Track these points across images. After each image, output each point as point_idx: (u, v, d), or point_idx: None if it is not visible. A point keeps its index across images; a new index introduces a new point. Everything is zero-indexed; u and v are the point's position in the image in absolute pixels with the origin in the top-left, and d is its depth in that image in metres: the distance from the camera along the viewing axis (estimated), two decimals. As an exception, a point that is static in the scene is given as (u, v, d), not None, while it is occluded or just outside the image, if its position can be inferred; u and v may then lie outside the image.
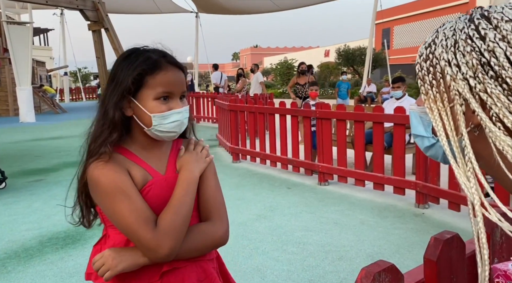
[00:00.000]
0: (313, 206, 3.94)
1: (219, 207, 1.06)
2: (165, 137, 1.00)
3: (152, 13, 19.33)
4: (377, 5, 15.46)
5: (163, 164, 1.04)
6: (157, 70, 0.96)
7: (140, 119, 0.98)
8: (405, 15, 35.30)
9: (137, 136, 1.02)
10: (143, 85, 0.96)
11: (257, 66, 10.08)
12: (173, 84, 0.98)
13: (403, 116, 3.82)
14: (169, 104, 0.98)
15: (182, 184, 0.99)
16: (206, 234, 1.01)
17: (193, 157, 1.04)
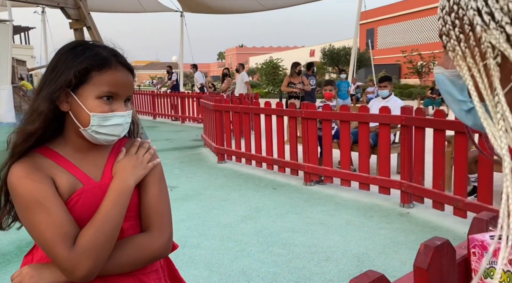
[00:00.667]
0: (299, 206, 3.92)
1: (161, 216, 0.96)
2: (102, 141, 0.92)
3: (136, 12, 19.05)
4: (361, 5, 15.58)
5: (99, 169, 0.95)
6: (106, 68, 0.89)
7: (77, 117, 0.89)
8: (389, 15, 35.75)
9: (70, 137, 0.93)
10: (86, 81, 0.88)
11: (242, 66, 10.03)
12: (120, 86, 0.91)
13: (388, 116, 3.83)
14: (112, 106, 0.91)
15: (111, 195, 0.90)
16: (141, 247, 0.92)
17: (130, 162, 0.95)
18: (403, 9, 34.44)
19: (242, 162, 5.65)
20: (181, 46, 19.74)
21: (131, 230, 0.96)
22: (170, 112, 12.11)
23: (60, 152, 0.93)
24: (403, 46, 32.09)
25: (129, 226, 0.96)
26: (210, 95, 8.48)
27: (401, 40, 34.90)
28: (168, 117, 12.18)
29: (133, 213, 0.96)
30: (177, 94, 11.89)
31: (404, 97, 19.58)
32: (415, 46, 29.19)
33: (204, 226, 3.38)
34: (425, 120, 3.48)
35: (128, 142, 1.03)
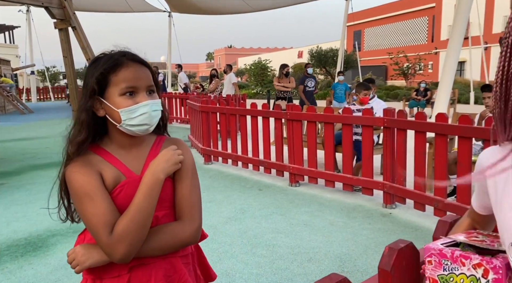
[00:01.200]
0: (284, 207, 3.95)
1: (192, 206, 1.07)
2: (137, 131, 1.04)
3: (123, 11, 18.89)
4: (348, 7, 15.73)
5: (140, 163, 1.07)
6: (118, 67, 1.01)
7: (111, 117, 1.03)
8: (375, 18, 36.14)
9: (114, 136, 1.07)
10: (107, 84, 1.01)
11: (230, 67, 10.04)
12: (135, 79, 1.02)
13: (372, 118, 3.89)
14: (135, 99, 1.02)
15: (142, 187, 1.01)
16: (173, 234, 1.04)
17: (163, 157, 1.05)
18: (390, 12, 34.86)
19: (229, 163, 5.66)
20: (169, 47, 19.66)
21: (165, 218, 1.07)
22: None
23: (107, 149, 1.07)
24: (389, 48, 32.47)
25: (163, 215, 1.07)
26: (198, 96, 8.47)
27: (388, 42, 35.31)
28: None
29: (167, 203, 1.08)
30: (163, 95, 11.83)
31: (390, 98, 19.82)
32: (401, 48, 29.56)
33: (189, 228, 3.38)
34: (406, 122, 3.54)
35: (167, 140, 1.15)
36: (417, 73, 25.82)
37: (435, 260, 0.78)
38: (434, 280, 0.78)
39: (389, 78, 30.97)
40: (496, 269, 0.72)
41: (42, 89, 27.60)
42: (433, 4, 30.94)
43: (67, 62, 7.66)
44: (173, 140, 1.16)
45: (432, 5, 31.19)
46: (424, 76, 23.92)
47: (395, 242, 0.81)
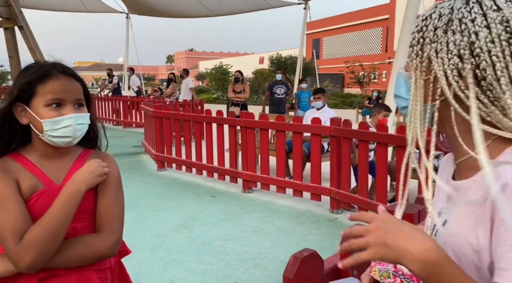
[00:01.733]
0: (235, 214, 3.99)
1: (112, 219, 1.07)
2: (60, 143, 1.03)
3: (78, 11, 18.22)
4: (306, 16, 16.14)
5: (61, 174, 1.06)
6: (47, 78, 1.01)
7: (34, 126, 1.02)
8: (333, 27, 37.29)
9: (37, 145, 1.05)
10: (34, 94, 1.01)
11: (186, 71, 9.98)
12: (63, 91, 1.02)
13: (319, 127, 4.03)
14: (60, 111, 1.02)
15: (62, 196, 1.00)
16: (88, 245, 1.03)
17: (87, 169, 1.05)
18: (347, 21, 36.12)
19: (183, 170, 5.62)
20: (127, 48, 19.18)
21: (83, 230, 1.06)
22: (111, 117, 11.72)
23: (28, 157, 1.06)
24: (346, 57, 33.59)
25: (82, 227, 1.05)
26: (152, 100, 8.34)
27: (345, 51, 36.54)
28: (109, 121, 11.78)
29: (87, 215, 1.06)
30: (119, 98, 11.54)
31: (346, 106, 20.50)
32: (357, 57, 30.69)
33: (136, 237, 3.33)
34: (351, 131, 3.71)
35: (94, 154, 1.15)
36: (372, 82, 26.91)
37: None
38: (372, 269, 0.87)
39: (345, 86, 32.01)
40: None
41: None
42: (387, 16, 32.44)
43: (13, 63, 7.27)
44: (101, 154, 1.16)
45: (386, 17, 32.68)
46: (378, 85, 24.99)
47: (300, 251, 0.87)
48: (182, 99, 9.16)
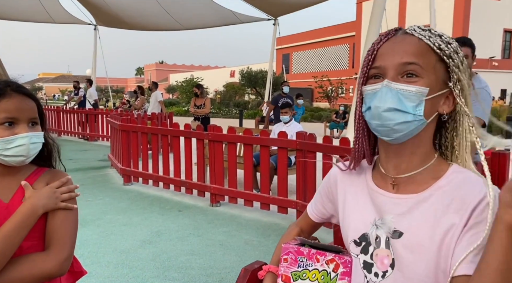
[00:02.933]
0: (202, 228, 3.96)
1: (61, 237, 1.04)
2: (12, 162, 1.02)
3: (43, 22, 17.76)
4: (276, 32, 16.46)
5: (10, 192, 1.04)
6: (0, 97, 1.00)
7: None
8: (303, 42, 38.20)
9: None
10: None
11: (155, 84, 9.90)
12: (17, 110, 1.02)
13: (285, 140, 4.11)
14: (13, 130, 1.01)
15: (16, 216, 0.99)
16: (33, 264, 0.99)
17: (46, 192, 1.04)
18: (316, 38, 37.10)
19: (150, 184, 5.54)
20: (94, 60, 18.81)
21: (31, 249, 1.02)
22: (77, 130, 11.40)
23: None
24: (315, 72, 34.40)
25: (30, 245, 1.02)
26: (121, 113, 8.20)
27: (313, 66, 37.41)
28: (75, 135, 11.45)
29: (36, 234, 1.03)
30: (84, 111, 11.26)
31: (315, 119, 20.90)
32: (326, 72, 31.52)
33: (99, 253, 3.24)
34: (315, 145, 3.81)
35: (48, 172, 1.12)
36: (340, 96, 27.64)
37: (292, 257, 0.87)
38: (286, 277, 0.87)
39: (314, 100, 32.69)
40: (345, 263, 0.86)
41: None
42: (353, 33, 33.61)
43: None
44: (54, 172, 1.14)
45: (352, 34, 33.86)
46: (345, 100, 25.69)
47: (252, 263, 0.90)
48: (151, 112, 9.06)
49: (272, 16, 15.82)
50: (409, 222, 0.79)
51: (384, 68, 0.79)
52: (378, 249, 0.82)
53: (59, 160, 1.18)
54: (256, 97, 29.01)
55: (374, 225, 0.83)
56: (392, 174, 0.84)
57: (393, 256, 0.80)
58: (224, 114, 23.96)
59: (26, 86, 1.11)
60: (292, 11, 15.47)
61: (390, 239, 0.80)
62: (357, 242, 0.86)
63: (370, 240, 0.84)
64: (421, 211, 0.79)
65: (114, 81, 67.31)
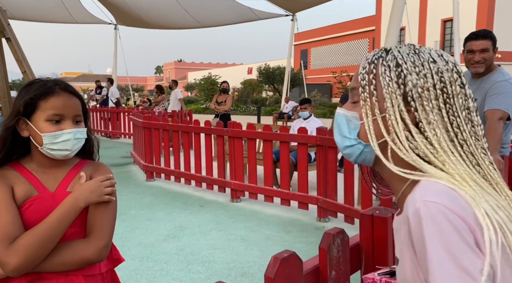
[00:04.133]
0: (223, 223, 4.02)
1: (102, 225, 1.11)
2: (57, 156, 1.10)
3: (66, 22, 18.19)
4: (294, 27, 16.38)
5: (56, 182, 1.12)
6: (49, 95, 1.09)
7: (34, 139, 1.09)
8: (321, 38, 37.84)
9: (35, 155, 1.12)
10: (36, 109, 1.08)
11: (175, 82, 10.03)
12: (63, 108, 1.10)
13: (305, 136, 4.12)
14: (60, 126, 1.09)
15: (60, 208, 1.06)
16: (75, 250, 1.07)
17: (90, 186, 1.10)
18: (334, 33, 36.70)
19: (171, 180, 5.64)
20: (115, 60, 19.15)
21: (74, 235, 1.10)
22: (100, 128, 11.68)
23: (26, 166, 1.13)
24: (333, 67, 34.08)
25: (73, 232, 1.10)
26: (142, 111, 8.36)
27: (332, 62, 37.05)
28: (97, 132, 11.72)
29: (78, 221, 1.10)
30: (107, 109, 11.52)
31: (334, 116, 20.68)
32: (345, 68, 31.16)
33: (124, 247, 3.34)
34: (336, 140, 3.80)
35: (90, 164, 1.20)
36: (359, 91, 27.24)
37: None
38: None
39: (333, 96, 32.40)
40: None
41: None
42: (373, 27, 33.08)
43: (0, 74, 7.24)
44: (96, 164, 1.22)
45: (372, 28, 33.32)
46: (365, 95, 25.29)
47: (281, 252, 0.93)
48: (171, 109, 9.20)
49: (290, 12, 15.74)
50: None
51: None
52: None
53: (98, 154, 1.25)
54: (273, 93, 28.97)
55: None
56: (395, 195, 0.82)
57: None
58: (242, 111, 24.03)
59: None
60: (310, 7, 15.33)
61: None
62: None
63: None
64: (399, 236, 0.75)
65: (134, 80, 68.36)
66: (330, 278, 1.06)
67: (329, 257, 1.06)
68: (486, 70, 2.58)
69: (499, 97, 2.41)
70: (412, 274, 0.68)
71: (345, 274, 1.11)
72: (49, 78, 1.14)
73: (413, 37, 26.64)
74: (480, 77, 2.63)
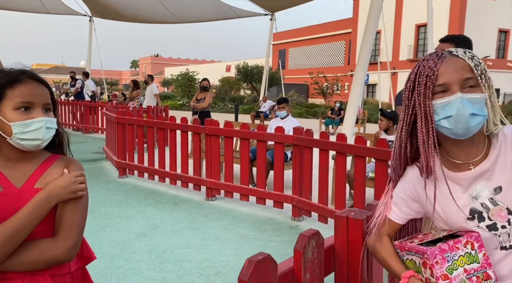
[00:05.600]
0: (198, 222, 3.97)
1: (70, 224, 1.06)
2: (28, 146, 1.04)
3: (37, 12, 17.54)
4: (272, 27, 16.42)
5: (23, 177, 1.07)
6: (16, 83, 1.04)
7: (2, 130, 1.03)
8: (299, 38, 38.12)
9: (1, 149, 1.07)
10: (2, 98, 1.03)
11: (151, 77, 9.85)
12: (32, 95, 1.05)
13: (282, 135, 4.12)
14: (29, 114, 1.04)
15: (31, 205, 1.02)
16: (41, 249, 1.03)
17: (61, 183, 1.06)
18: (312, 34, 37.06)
19: (145, 177, 5.53)
20: (89, 52, 18.66)
21: (41, 234, 1.05)
22: (72, 122, 11.33)
23: None
24: (310, 68, 34.40)
25: (40, 230, 1.05)
26: (116, 105, 8.16)
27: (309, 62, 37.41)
28: (69, 127, 11.37)
29: (47, 218, 1.05)
30: (79, 103, 11.18)
31: (310, 116, 20.93)
32: (321, 69, 31.53)
33: (95, 245, 3.24)
34: (312, 140, 3.82)
35: (61, 159, 1.14)
36: (335, 93, 27.69)
37: (440, 258, 0.97)
38: (445, 275, 0.97)
39: (310, 96, 32.72)
40: (477, 238, 0.99)
41: None
42: (350, 30, 33.60)
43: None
44: (68, 159, 1.16)
45: (349, 31, 33.85)
46: (341, 96, 25.76)
47: (255, 254, 0.91)
48: (146, 105, 9.03)
49: (269, 11, 15.77)
50: (497, 176, 0.98)
51: (449, 84, 0.96)
52: (490, 210, 0.99)
53: (68, 149, 1.20)
54: (251, 92, 28.96)
55: (474, 198, 1.01)
56: (465, 160, 1.02)
57: (505, 206, 0.98)
58: (219, 109, 23.91)
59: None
60: (289, 7, 15.41)
61: (494, 197, 0.99)
62: (470, 218, 1.01)
63: (479, 210, 1.00)
64: (499, 163, 0.99)
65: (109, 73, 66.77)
66: (304, 281, 1.05)
67: (304, 259, 1.05)
68: None
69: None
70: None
71: (319, 276, 1.10)
72: (13, 68, 1.09)
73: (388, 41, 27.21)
74: None
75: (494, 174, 1.00)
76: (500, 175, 0.99)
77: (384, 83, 22.55)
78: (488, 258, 0.99)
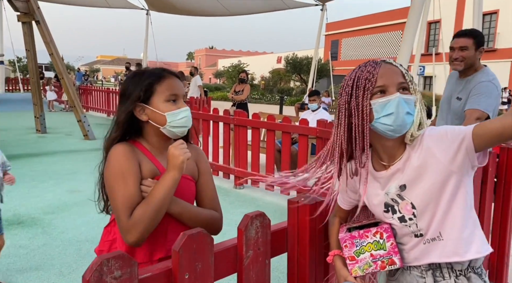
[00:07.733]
0: (223, 208, 4.14)
1: (217, 202, 1.43)
2: (178, 133, 1.23)
3: (100, 6, 18.72)
4: (323, 17, 16.12)
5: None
6: (163, 79, 1.23)
7: (155, 121, 1.22)
8: (353, 29, 36.98)
9: (151, 138, 1.25)
10: (153, 93, 1.21)
11: (196, 69, 10.19)
12: (176, 89, 1.24)
13: (307, 128, 4.16)
14: (177, 105, 1.23)
15: (163, 182, 1.16)
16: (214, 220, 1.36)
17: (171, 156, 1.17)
18: (366, 24, 35.77)
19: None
20: (145, 44, 19.58)
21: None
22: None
23: (145, 146, 1.26)
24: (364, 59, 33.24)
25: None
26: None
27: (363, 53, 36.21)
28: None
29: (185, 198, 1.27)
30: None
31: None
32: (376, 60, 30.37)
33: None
34: (334, 133, 3.82)
35: (190, 146, 1.31)
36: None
37: (349, 243, 1.14)
38: (352, 257, 1.14)
39: (362, 89, 31.69)
40: (386, 229, 1.13)
41: (12, 80, 26.88)
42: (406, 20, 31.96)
43: (29, 55, 7.63)
44: (193, 147, 1.36)
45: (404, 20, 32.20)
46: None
47: (191, 229, 1.02)
48: (190, 96, 9.39)
49: (320, 2, 15.50)
50: (404, 175, 1.11)
51: (388, 85, 1.06)
52: (400, 204, 1.13)
53: None
54: (300, 84, 28.76)
55: (386, 194, 1.14)
56: (388, 161, 1.15)
57: (410, 200, 1.10)
58: (266, 101, 24.05)
59: (85, 68, 1.32)
60: (339, -3, 15.03)
61: (401, 193, 1.11)
62: (386, 211, 1.15)
63: (391, 204, 1.14)
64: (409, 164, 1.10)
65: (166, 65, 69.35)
66: (246, 257, 1.15)
67: (246, 237, 1.15)
68: (470, 70, 2.55)
69: (480, 97, 2.39)
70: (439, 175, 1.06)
71: (264, 254, 1.19)
72: (147, 68, 1.29)
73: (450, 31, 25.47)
74: (465, 77, 2.59)
75: (403, 173, 1.12)
76: (406, 174, 1.11)
77: (440, 75, 21.31)
78: (395, 246, 1.12)
